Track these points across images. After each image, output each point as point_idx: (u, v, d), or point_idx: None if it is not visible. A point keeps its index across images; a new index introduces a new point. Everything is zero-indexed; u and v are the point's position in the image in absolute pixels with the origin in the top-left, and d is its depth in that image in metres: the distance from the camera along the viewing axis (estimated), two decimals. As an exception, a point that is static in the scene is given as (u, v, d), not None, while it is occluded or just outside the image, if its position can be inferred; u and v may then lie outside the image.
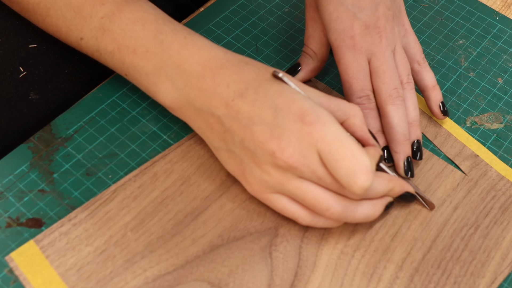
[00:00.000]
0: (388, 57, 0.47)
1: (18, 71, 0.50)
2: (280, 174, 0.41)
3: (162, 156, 0.48)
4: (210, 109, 0.42)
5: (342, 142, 0.39)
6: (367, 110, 0.48)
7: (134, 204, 0.46)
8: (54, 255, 0.43)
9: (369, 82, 0.48)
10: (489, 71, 0.57)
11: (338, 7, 0.47)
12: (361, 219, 0.43)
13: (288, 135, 0.40)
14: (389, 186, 0.43)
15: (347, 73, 0.47)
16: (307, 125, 0.40)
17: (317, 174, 0.40)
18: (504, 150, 0.52)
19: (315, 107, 0.40)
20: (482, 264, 0.45)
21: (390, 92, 0.47)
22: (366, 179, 0.39)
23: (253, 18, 0.60)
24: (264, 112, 0.40)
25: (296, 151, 0.40)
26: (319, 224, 0.43)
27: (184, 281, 0.42)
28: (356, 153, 0.39)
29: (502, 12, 0.62)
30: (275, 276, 0.43)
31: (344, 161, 0.39)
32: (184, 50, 0.43)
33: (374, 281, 0.43)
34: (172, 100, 0.44)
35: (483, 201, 0.48)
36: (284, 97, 0.41)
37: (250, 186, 0.43)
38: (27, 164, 0.48)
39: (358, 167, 0.39)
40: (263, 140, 0.40)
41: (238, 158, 0.43)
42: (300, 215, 0.43)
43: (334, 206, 0.41)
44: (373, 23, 0.47)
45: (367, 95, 0.48)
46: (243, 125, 0.41)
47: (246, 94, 0.41)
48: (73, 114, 0.51)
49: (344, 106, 0.43)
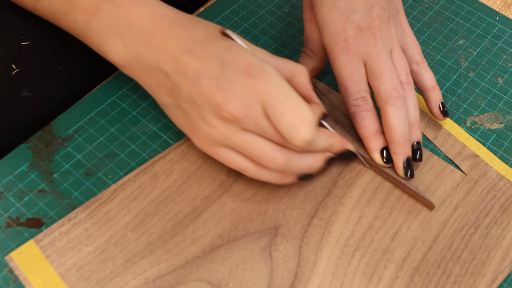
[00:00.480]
0: (385, 57, 0.47)
1: (11, 68, 0.51)
2: (226, 127, 0.42)
3: (162, 156, 0.48)
4: (159, 65, 0.42)
5: (286, 95, 0.41)
6: (364, 112, 0.48)
7: (134, 204, 0.46)
8: (54, 255, 0.43)
9: (365, 84, 0.48)
10: (489, 71, 0.57)
11: (331, 9, 0.47)
12: (304, 169, 0.44)
13: (234, 88, 0.41)
14: (330, 141, 0.45)
15: (342, 75, 0.47)
16: (253, 78, 0.41)
17: (261, 126, 0.41)
18: (504, 150, 0.52)
19: (262, 62, 0.42)
20: (483, 264, 0.45)
21: (389, 93, 0.47)
22: (307, 131, 0.40)
23: (253, 18, 0.60)
24: (211, 67, 0.41)
25: (241, 103, 0.41)
26: (265, 177, 0.44)
27: (184, 281, 0.42)
28: (299, 106, 0.41)
29: (502, 12, 0.62)
30: (275, 276, 0.43)
31: (287, 114, 0.40)
32: (135, 8, 0.44)
33: (374, 281, 0.43)
34: (122, 58, 0.44)
35: (483, 201, 0.48)
36: (231, 53, 0.42)
37: (198, 140, 0.44)
38: (27, 164, 0.48)
39: (300, 120, 0.40)
40: (209, 93, 0.41)
41: (185, 113, 0.43)
42: (246, 166, 0.44)
43: (278, 156, 0.42)
44: (367, 25, 0.47)
45: (363, 97, 0.47)
46: (191, 79, 0.41)
47: (194, 50, 0.42)
48: (73, 114, 0.51)
49: (290, 65, 0.45)
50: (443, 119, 0.51)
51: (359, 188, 0.48)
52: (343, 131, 0.50)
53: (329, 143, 0.45)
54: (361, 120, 0.48)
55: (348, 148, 0.47)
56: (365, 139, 0.48)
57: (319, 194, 0.47)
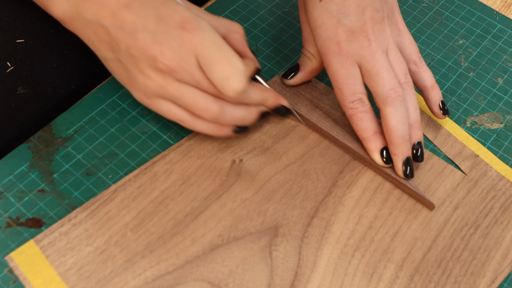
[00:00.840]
0: (380, 58, 0.47)
1: (6, 66, 0.51)
2: (162, 78, 0.43)
3: (162, 156, 0.48)
4: (99, 19, 0.44)
5: (219, 48, 0.43)
6: (361, 113, 0.47)
7: (134, 204, 0.46)
8: (54, 255, 0.43)
9: (360, 86, 0.47)
10: (489, 71, 0.57)
11: (323, 13, 0.47)
12: (238, 120, 0.46)
13: (169, 40, 0.42)
14: (263, 95, 0.47)
15: (336, 79, 0.47)
16: (187, 31, 0.42)
17: (195, 77, 0.43)
18: (504, 150, 0.52)
19: (196, 17, 0.43)
20: (483, 264, 0.45)
21: (387, 93, 0.46)
22: (238, 82, 0.43)
23: (253, 18, 0.60)
24: (147, 21, 0.43)
25: (175, 55, 0.42)
26: (201, 127, 0.46)
27: (184, 281, 0.42)
28: (230, 58, 0.43)
29: (502, 12, 0.62)
30: (275, 276, 0.43)
31: (218, 65, 0.43)
32: None
33: (374, 281, 0.43)
34: (64, 12, 0.45)
35: (483, 201, 0.48)
36: (167, 7, 0.43)
37: (137, 93, 0.46)
38: (27, 164, 0.48)
39: (232, 71, 0.43)
40: (145, 46, 0.42)
41: (124, 66, 0.45)
42: (183, 117, 0.46)
43: (212, 105, 0.44)
44: (359, 27, 0.47)
45: (359, 99, 0.47)
46: (128, 33, 0.43)
47: (132, 4, 0.43)
48: (73, 114, 0.51)
49: (226, 22, 0.48)
50: (443, 117, 0.51)
51: (359, 187, 0.48)
52: (343, 131, 0.50)
53: (263, 97, 0.47)
54: (358, 122, 0.47)
55: (282, 103, 0.49)
56: (364, 140, 0.48)
57: (319, 193, 0.47)
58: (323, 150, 0.50)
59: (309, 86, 0.53)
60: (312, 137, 0.51)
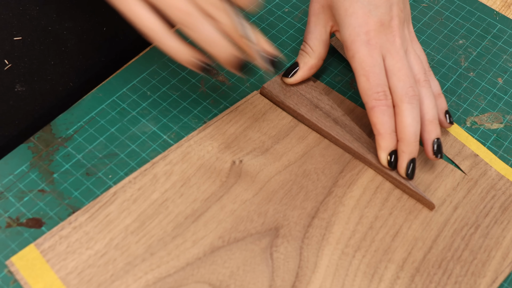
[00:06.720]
0: (403, 56, 0.48)
1: (3, 63, 0.51)
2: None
3: (161, 157, 0.48)
4: None
5: None
6: (384, 107, 0.47)
7: (134, 207, 0.45)
8: (55, 259, 0.43)
9: (385, 78, 0.47)
10: (489, 71, 0.57)
11: (354, 3, 0.48)
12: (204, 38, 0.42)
13: None
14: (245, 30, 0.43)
15: (363, 67, 0.47)
16: None
17: None
18: (504, 150, 0.52)
19: None
20: (483, 264, 0.45)
21: (406, 90, 0.47)
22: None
23: (253, 18, 0.60)
24: None
25: None
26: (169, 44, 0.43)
27: (185, 283, 0.42)
28: None
29: (502, 12, 0.62)
30: (276, 277, 0.43)
31: None
32: None
33: (375, 281, 0.43)
34: None
35: (483, 201, 0.48)
36: None
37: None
38: (27, 164, 0.48)
39: None
40: None
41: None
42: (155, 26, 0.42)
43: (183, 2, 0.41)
44: (387, 21, 0.48)
45: (384, 91, 0.47)
46: None
47: None
48: (73, 114, 0.51)
49: None
50: (448, 126, 0.51)
51: (359, 187, 0.48)
52: (343, 131, 0.50)
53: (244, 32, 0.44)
54: (380, 115, 0.47)
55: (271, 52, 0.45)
56: (379, 136, 0.47)
57: (319, 194, 0.47)
58: (323, 150, 0.50)
59: (309, 86, 0.53)
60: (312, 137, 0.51)
